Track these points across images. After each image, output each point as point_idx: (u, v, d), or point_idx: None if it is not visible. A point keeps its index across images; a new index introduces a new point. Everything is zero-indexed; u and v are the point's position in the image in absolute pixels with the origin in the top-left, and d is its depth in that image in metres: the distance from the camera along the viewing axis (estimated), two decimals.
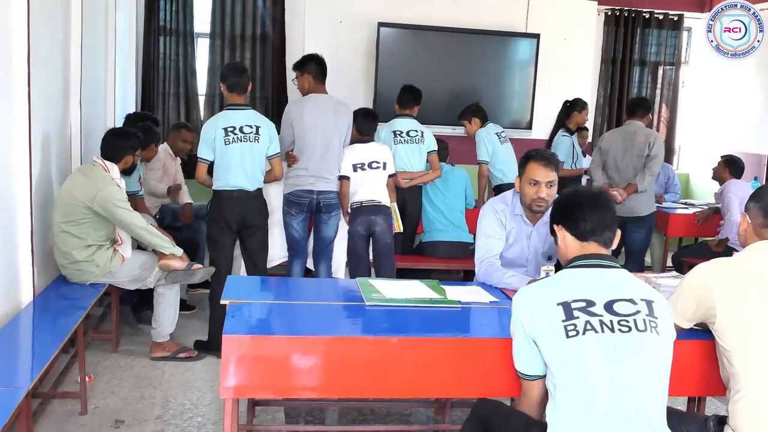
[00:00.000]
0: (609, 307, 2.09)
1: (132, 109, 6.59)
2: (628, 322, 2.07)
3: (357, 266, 4.91)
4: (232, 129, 4.39)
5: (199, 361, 4.34)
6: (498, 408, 2.43)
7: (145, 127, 5.18)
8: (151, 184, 5.41)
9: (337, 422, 3.73)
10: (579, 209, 2.27)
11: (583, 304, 2.09)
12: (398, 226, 5.09)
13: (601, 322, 2.06)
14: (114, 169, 4.11)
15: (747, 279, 2.35)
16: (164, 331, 4.31)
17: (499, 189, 5.89)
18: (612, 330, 2.06)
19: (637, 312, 2.10)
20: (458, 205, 5.57)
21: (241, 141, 4.39)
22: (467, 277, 5.41)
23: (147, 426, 3.48)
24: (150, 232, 4.06)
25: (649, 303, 2.14)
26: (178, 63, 7.27)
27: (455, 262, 5.42)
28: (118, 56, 5.94)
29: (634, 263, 5.59)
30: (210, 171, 4.49)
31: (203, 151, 4.43)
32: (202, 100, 7.43)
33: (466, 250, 5.27)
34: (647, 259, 6.45)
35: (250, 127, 4.42)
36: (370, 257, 5.00)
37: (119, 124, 5.58)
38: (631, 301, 2.12)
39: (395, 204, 5.08)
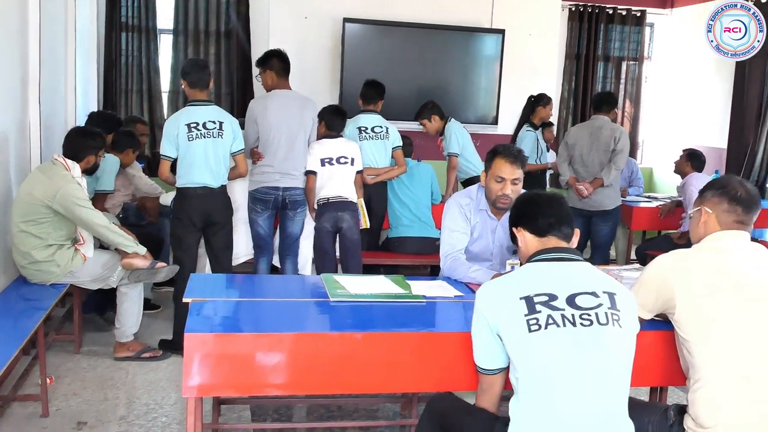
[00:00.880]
0: (571, 300, 2.10)
1: (94, 107, 6.50)
2: (589, 315, 2.08)
3: (324, 263, 4.89)
4: (195, 125, 4.34)
5: (164, 360, 4.29)
6: (455, 404, 2.42)
7: (127, 132, 5.14)
8: (144, 181, 5.34)
9: (304, 419, 3.71)
10: (535, 207, 2.31)
11: (546, 298, 2.10)
12: (365, 222, 5.08)
13: (563, 317, 2.07)
14: (75, 168, 4.04)
15: (706, 270, 2.38)
16: (128, 330, 4.26)
17: (468, 182, 5.91)
18: (573, 324, 2.07)
19: (599, 305, 2.11)
20: (424, 201, 5.57)
21: (204, 137, 4.35)
22: (434, 272, 5.41)
23: (110, 427, 3.43)
24: (112, 230, 4.00)
25: (611, 295, 2.15)
26: (140, 60, 7.18)
27: (422, 258, 5.42)
28: (78, 53, 5.84)
29: (600, 256, 5.66)
30: (173, 168, 4.43)
31: (166, 148, 4.37)
32: (165, 97, 7.34)
33: (433, 246, 5.27)
34: (612, 252, 6.52)
35: (214, 123, 4.38)
36: (337, 253, 4.98)
37: (81, 122, 5.49)
38: (594, 294, 2.13)
39: (362, 200, 5.07)
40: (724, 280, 2.33)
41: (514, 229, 2.40)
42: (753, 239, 2.78)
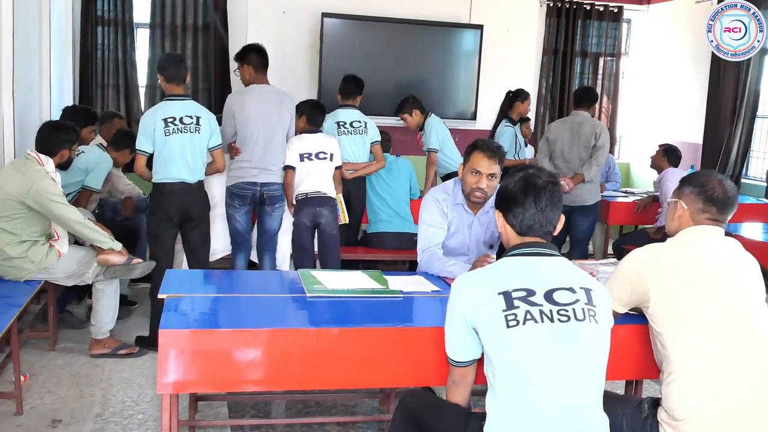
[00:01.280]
0: (549, 296, 2.10)
1: (70, 102, 6.42)
2: (567, 311, 2.09)
3: (302, 258, 4.88)
4: (171, 120, 4.31)
5: (140, 357, 4.25)
6: (428, 401, 2.43)
7: (126, 132, 5.13)
8: (123, 181, 5.30)
9: (282, 415, 3.70)
10: (520, 207, 2.24)
11: (524, 293, 2.10)
12: (344, 218, 5.07)
13: (541, 312, 2.08)
14: (49, 163, 3.99)
15: (679, 264, 2.40)
16: (104, 327, 4.21)
17: (447, 177, 5.91)
18: (551, 320, 2.07)
19: (576, 301, 2.12)
20: (403, 196, 5.57)
21: (181, 132, 4.32)
22: (413, 267, 5.40)
23: (85, 425, 3.40)
24: (87, 226, 3.96)
25: (588, 291, 2.16)
26: (117, 54, 7.13)
27: (401, 253, 5.42)
28: (53, 47, 5.75)
29: (578, 251, 5.69)
30: (149, 163, 4.40)
31: (142, 143, 4.34)
32: (142, 91, 7.28)
33: (412, 241, 5.25)
34: (589, 247, 6.56)
35: (191, 117, 4.35)
36: (316, 249, 4.97)
37: (56, 117, 5.43)
38: (571, 289, 2.13)
39: (341, 195, 5.05)
40: (695, 274, 2.36)
41: (497, 210, 2.37)
42: (728, 233, 2.82)
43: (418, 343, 2.53)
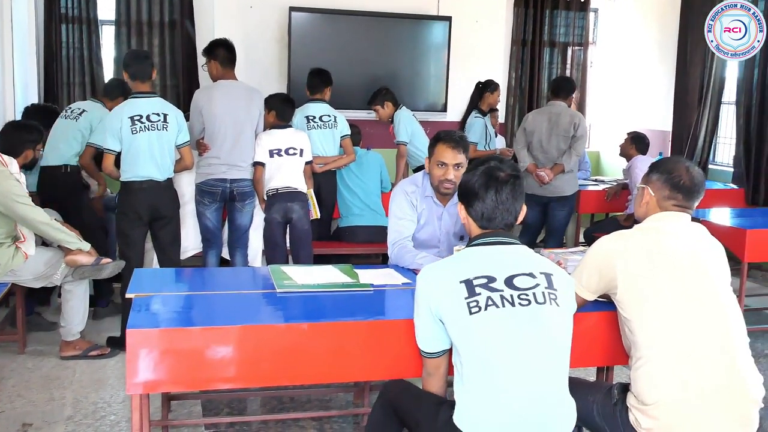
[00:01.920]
0: (509, 281, 2.13)
1: (35, 101, 6.33)
2: (527, 295, 2.12)
3: (274, 254, 4.86)
4: (138, 117, 4.26)
5: (112, 358, 4.22)
6: (407, 389, 2.44)
7: (115, 82, 5.10)
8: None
9: (256, 412, 3.69)
10: (481, 200, 2.26)
11: (485, 280, 2.12)
12: (315, 213, 5.05)
13: (502, 297, 2.10)
14: (13, 164, 3.93)
15: (646, 250, 2.43)
16: (74, 329, 4.17)
17: (419, 170, 5.91)
18: (512, 304, 2.10)
19: (537, 285, 2.15)
20: (374, 189, 5.57)
21: (148, 130, 4.27)
22: (386, 260, 5.37)
23: (57, 427, 3.37)
24: (54, 227, 3.91)
25: (548, 276, 2.19)
26: (82, 52, 7.01)
27: (373, 246, 5.42)
28: (16, 46, 5.68)
29: (555, 240, 5.72)
30: (117, 162, 4.35)
31: (109, 142, 4.28)
32: None
33: (384, 234, 5.17)
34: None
35: (158, 115, 4.30)
36: (288, 244, 4.95)
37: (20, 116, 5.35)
38: (531, 275, 2.16)
39: (312, 190, 5.04)
40: (661, 260, 2.39)
41: (459, 204, 2.39)
42: (695, 219, 2.85)
43: (390, 336, 2.53)
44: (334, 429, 3.47)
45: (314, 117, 5.30)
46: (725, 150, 7.49)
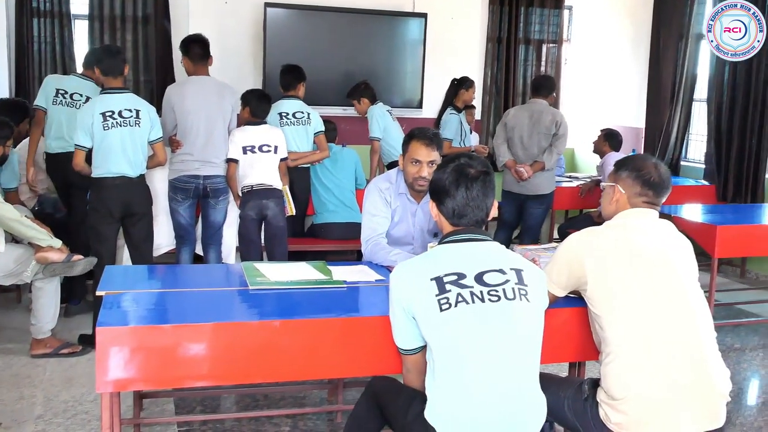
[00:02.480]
0: (479, 278, 2.15)
1: (6, 95, 6.24)
2: (497, 291, 2.14)
3: (249, 251, 4.84)
4: (110, 113, 4.22)
5: (83, 356, 4.17)
6: (391, 384, 2.45)
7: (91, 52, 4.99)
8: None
9: (230, 410, 3.68)
10: (452, 197, 2.28)
11: (455, 277, 2.14)
12: (291, 210, 5.04)
13: (472, 293, 2.12)
14: None
15: (615, 247, 2.45)
16: (44, 327, 4.12)
17: (392, 166, 5.91)
18: (482, 300, 2.11)
19: (507, 281, 2.16)
20: (349, 186, 5.57)
21: (120, 126, 4.23)
22: (360, 257, 5.41)
23: (26, 427, 3.33)
24: (24, 224, 3.86)
25: (518, 272, 2.20)
26: (54, 46, 6.90)
27: (348, 243, 5.41)
28: None
29: (530, 237, 5.74)
30: (89, 158, 4.30)
31: (81, 138, 4.24)
32: None
33: (359, 231, 5.23)
34: None
35: (130, 111, 4.26)
36: (262, 241, 4.93)
37: None
38: (501, 271, 2.18)
39: (287, 187, 5.02)
40: (630, 257, 2.41)
41: (430, 202, 2.41)
42: (665, 215, 2.87)
43: (363, 333, 2.53)
44: (308, 426, 3.47)
45: (287, 114, 5.28)
46: (697, 147, 7.58)
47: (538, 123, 5.52)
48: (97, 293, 2.69)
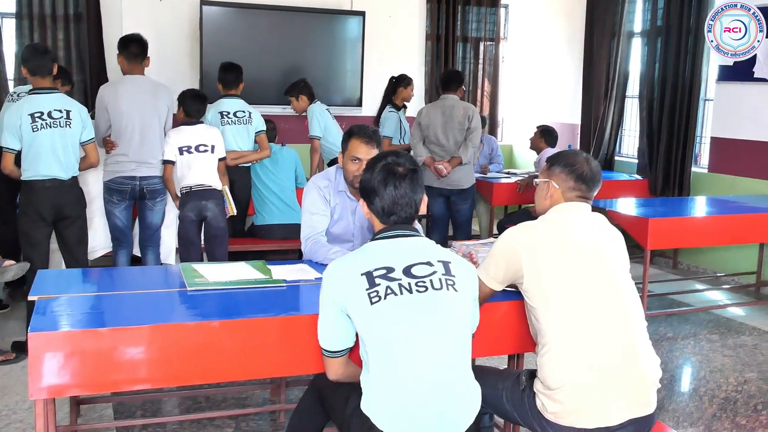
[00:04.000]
0: (407, 270, 2.19)
1: None
2: (424, 282, 2.19)
3: (189, 252, 4.77)
4: (39, 114, 4.11)
5: (17, 363, 4.07)
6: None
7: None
8: None
9: (171, 413, 3.62)
10: (379, 197, 2.32)
11: (384, 271, 2.18)
12: (231, 210, 4.99)
13: (400, 285, 2.16)
14: None
15: (550, 240, 2.50)
16: None
17: (333, 164, 5.90)
18: (410, 291, 2.16)
19: (434, 272, 2.21)
20: (289, 185, 5.54)
21: (50, 127, 4.12)
22: (302, 257, 5.41)
23: None
24: None
25: (446, 264, 2.26)
26: None
27: (289, 243, 5.39)
28: None
29: (463, 233, 5.79)
30: (17, 161, 4.18)
31: (8, 140, 4.11)
32: (11, 85, 6.89)
33: (300, 232, 5.26)
34: (476, 228, 6.73)
35: (60, 111, 4.16)
36: (202, 242, 4.88)
37: None
38: (428, 263, 2.23)
39: (227, 187, 4.97)
40: (564, 250, 2.47)
41: (361, 201, 2.44)
42: (599, 209, 2.94)
43: (303, 331, 2.52)
44: (251, 427, 3.45)
45: (228, 113, 5.23)
46: (630, 142, 7.78)
47: (451, 118, 5.54)
48: (29, 298, 2.62)
